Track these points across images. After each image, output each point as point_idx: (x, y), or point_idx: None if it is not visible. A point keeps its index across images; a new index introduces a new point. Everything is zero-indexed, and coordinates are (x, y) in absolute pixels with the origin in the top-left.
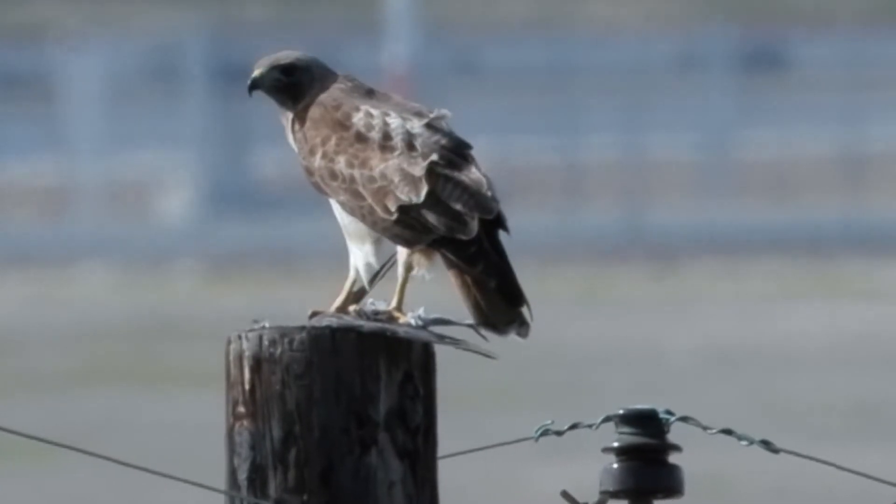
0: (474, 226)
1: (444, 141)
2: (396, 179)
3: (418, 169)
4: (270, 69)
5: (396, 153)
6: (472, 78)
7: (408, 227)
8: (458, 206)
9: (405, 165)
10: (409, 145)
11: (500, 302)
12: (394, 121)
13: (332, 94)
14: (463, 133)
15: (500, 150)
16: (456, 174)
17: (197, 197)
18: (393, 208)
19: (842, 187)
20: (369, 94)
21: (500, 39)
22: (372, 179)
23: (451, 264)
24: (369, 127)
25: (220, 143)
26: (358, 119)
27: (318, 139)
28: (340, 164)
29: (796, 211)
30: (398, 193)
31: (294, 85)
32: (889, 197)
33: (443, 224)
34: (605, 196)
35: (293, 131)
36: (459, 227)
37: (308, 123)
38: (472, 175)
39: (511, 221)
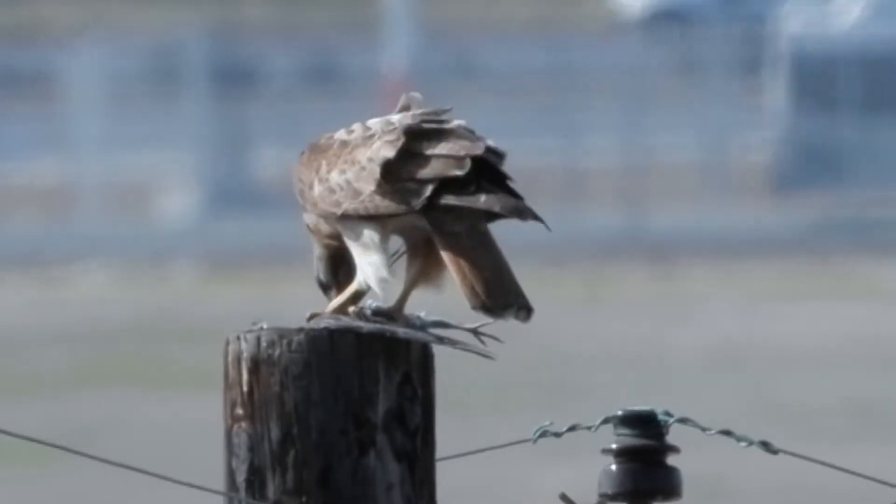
0: (467, 161)
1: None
2: (380, 152)
3: (396, 134)
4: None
5: (377, 137)
6: (471, 80)
7: (400, 190)
8: (444, 150)
9: (385, 137)
10: (388, 123)
11: (496, 286)
12: (373, 120)
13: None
14: None
15: None
16: (435, 127)
17: (197, 197)
18: (379, 176)
19: (840, 188)
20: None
21: (499, 41)
22: (362, 168)
23: (445, 250)
24: (350, 132)
25: (220, 143)
26: (339, 135)
27: (312, 173)
28: (334, 176)
29: (795, 212)
30: (382, 155)
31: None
32: (890, 197)
33: (433, 170)
34: (605, 197)
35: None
36: (452, 165)
37: (300, 168)
38: (452, 125)
39: (510, 222)
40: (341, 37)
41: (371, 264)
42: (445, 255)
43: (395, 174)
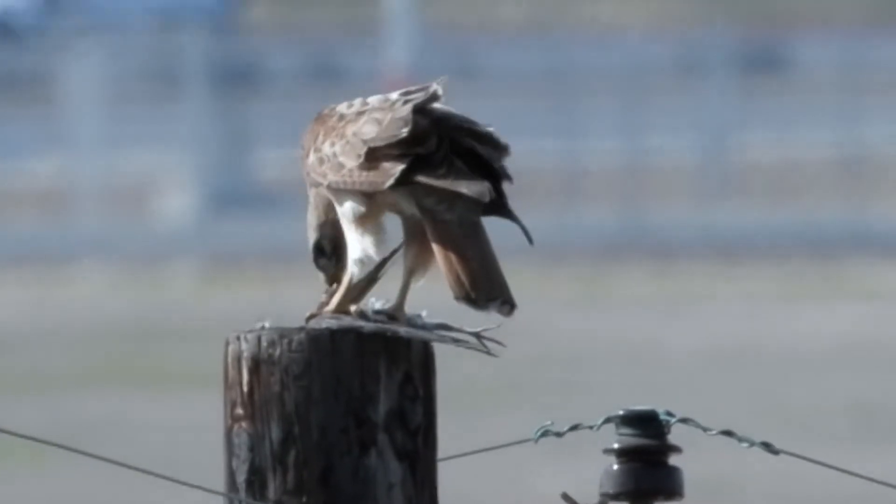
0: (407, 129)
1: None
2: (365, 129)
3: (387, 113)
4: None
5: (367, 113)
6: (471, 80)
7: (376, 168)
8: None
9: (375, 114)
10: (385, 100)
11: (482, 278)
12: (373, 96)
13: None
14: None
15: None
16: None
17: (196, 197)
18: (362, 151)
19: (842, 189)
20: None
21: (500, 42)
22: (347, 142)
23: (434, 239)
24: (349, 106)
25: (220, 143)
26: (340, 106)
27: (310, 142)
28: (325, 148)
29: (796, 213)
30: (363, 138)
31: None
32: (890, 199)
33: (381, 135)
34: (604, 197)
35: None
36: (399, 126)
37: (305, 136)
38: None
39: (510, 222)
40: (342, 37)
41: (357, 241)
42: (434, 243)
43: (374, 151)
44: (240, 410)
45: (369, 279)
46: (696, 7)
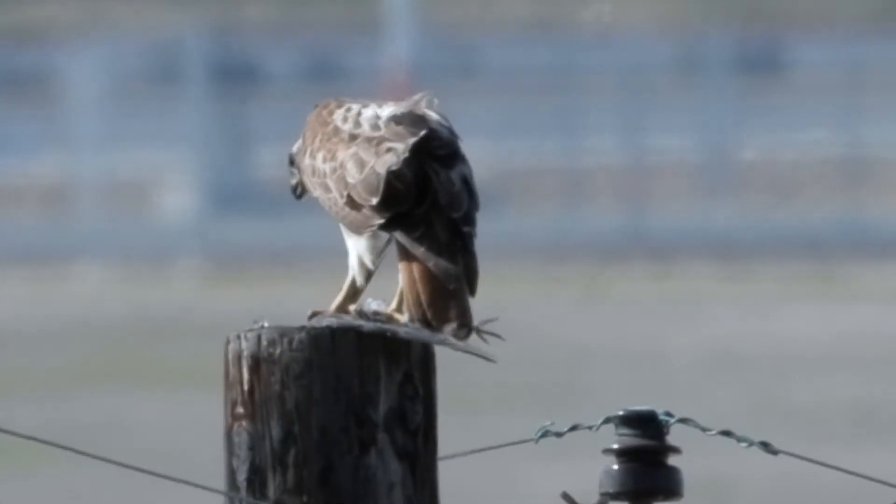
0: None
1: (404, 122)
2: (349, 165)
3: (371, 154)
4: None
5: (358, 140)
6: (472, 79)
7: (357, 215)
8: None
9: (361, 152)
10: (374, 127)
11: (441, 300)
12: (367, 111)
13: (331, 98)
14: (463, 134)
15: (501, 152)
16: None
17: (197, 196)
18: (345, 192)
19: (841, 190)
20: (369, 98)
21: (501, 40)
22: (334, 170)
23: (401, 256)
24: (345, 120)
25: (221, 142)
26: (338, 115)
27: (309, 139)
28: (319, 159)
29: (796, 214)
30: (348, 178)
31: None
32: (888, 199)
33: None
34: (605, 197)
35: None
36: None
37: (307, 126)
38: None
39: (512, 223)
40: (342, 36)
41: (354, 247)
42: (401, 262)
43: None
44: (240, 409)
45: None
46: (696, 7)
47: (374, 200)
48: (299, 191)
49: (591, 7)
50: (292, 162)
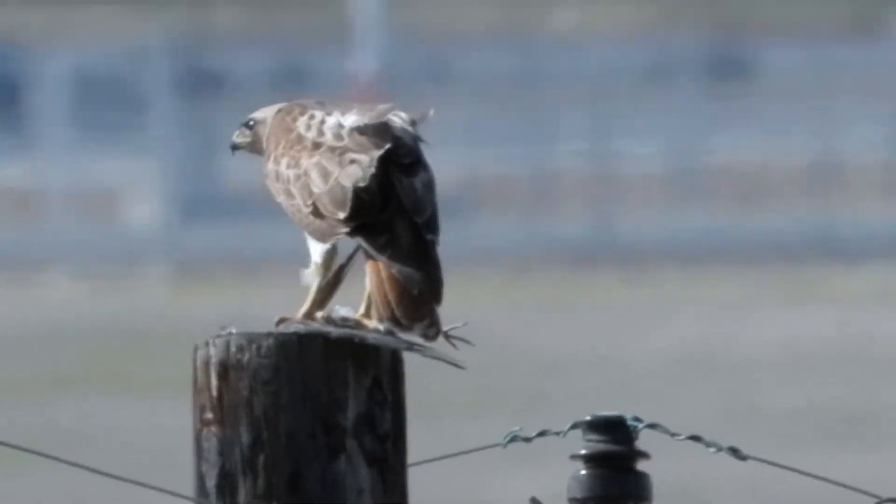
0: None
1: (367, 133)
2: (313, 174)
3: (334, 164)
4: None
5: (322, 149)
6: (441, 85)
7: (321, 223)
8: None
9: (324, 161)
10: (337, 136)
11: (409, 299)
12: (330, 119)
13: (294, 103)
14: (432, 140)
15: (470, 158)
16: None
17: (165, 203)
18: (310, 202)
19: (810, 194)
20: (333, 103)
21: (470, 46)
22: (298, 177)
23: (367, 258)
24: (308, 127)
25: (188, 149)
26: (302, 122)
27: (273, 144)
28: (283, 165)
29: (764, 218)
30: (312, 187)
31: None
32: (856, 203)
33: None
34: (574, 203)
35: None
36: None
37: (270, 131)
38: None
39: (480, 229)
40: (311, 41)
41: (315, 249)
42: (368, 264)
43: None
44: (209, 415)
45: (332, 284)
46: (664, 13)
47: (342, 215)
48: (237, 148)
49: (560, 13)
50: (248, 125)
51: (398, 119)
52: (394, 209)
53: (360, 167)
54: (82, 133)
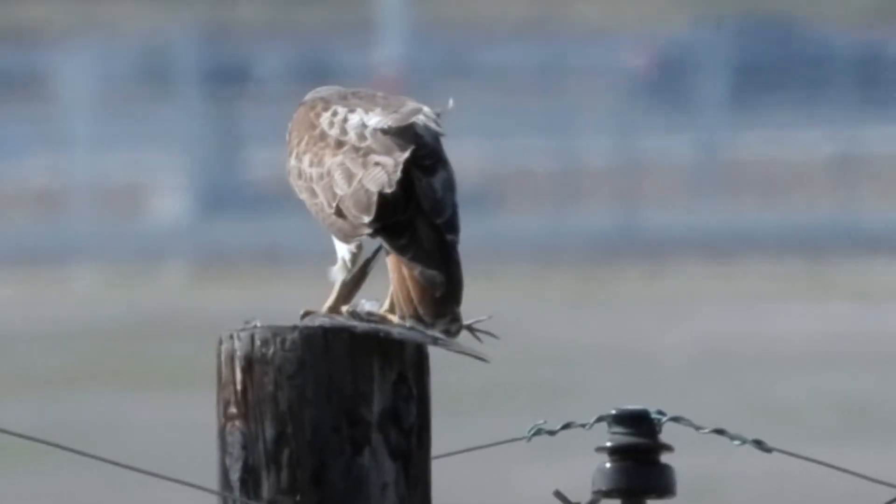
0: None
1: (391, 135)
2: (336, 175)
3: (358, 166)
4: None
5: (345, 149)
6: (464, 79)
7: (342, 217)
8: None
9: (348, 162)
10: (360, 136)
11: (431, 297)
12: (354, 117)
13: (317, 94)
14: (456, 134)
15: (494, 152)
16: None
17: (189, 197)
18: (334, 203)
19: (833, 189)
20: (355, 94)
21: (493, 40)
22: (322, 176)
23: (389, 255)
24: (331, 125)
25: (212, 143)
26: (325, 118)
27: (295, 140)
28: (305, 163)
29: (788, 213)
30: (335, 188)
31: None
32: (880, 199)
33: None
34: (598, 197)
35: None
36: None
37: (293, 125)
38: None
39: (505, 222)
40: (334, 36)
41: (340, 248)
42: (390, 262)
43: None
44: (233, 409)
45: (357, 279)
46: (682, 5)
47: (367, 219)
48: None
49: (580, 7)
50: None
51: (421, 116)
52: (414, 209)
53: (384, 171)
54: (106, 127)
